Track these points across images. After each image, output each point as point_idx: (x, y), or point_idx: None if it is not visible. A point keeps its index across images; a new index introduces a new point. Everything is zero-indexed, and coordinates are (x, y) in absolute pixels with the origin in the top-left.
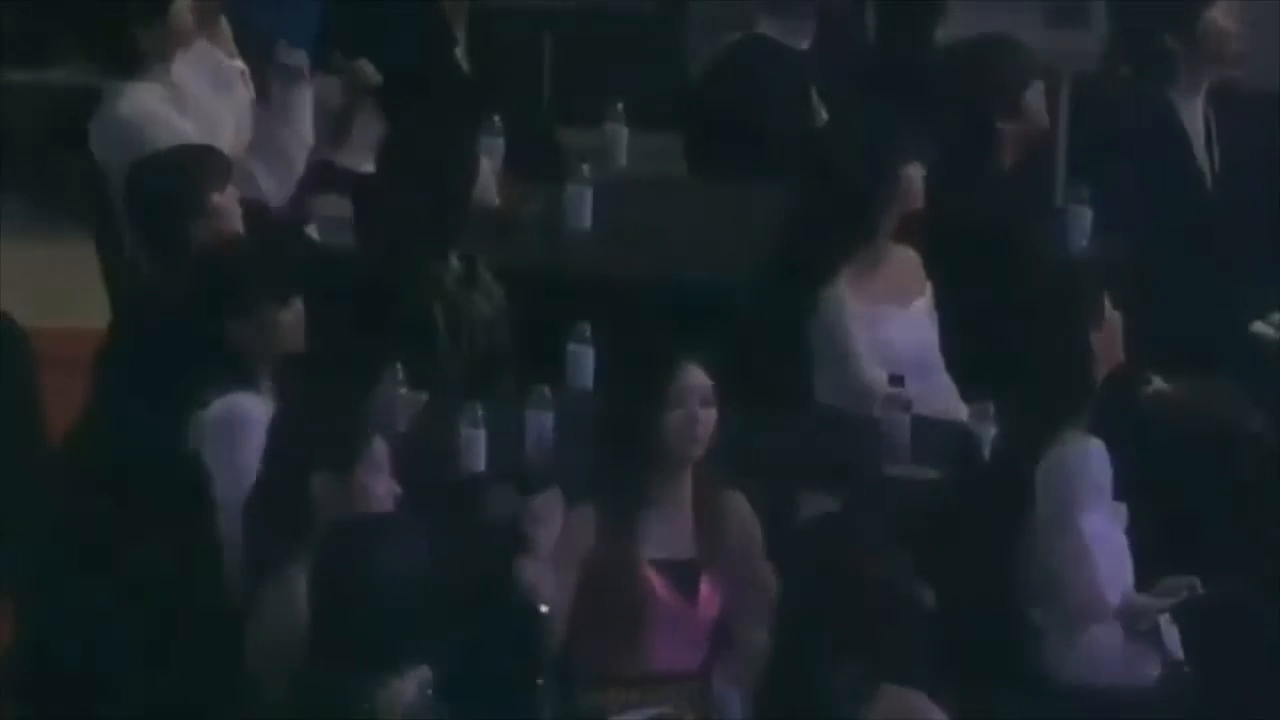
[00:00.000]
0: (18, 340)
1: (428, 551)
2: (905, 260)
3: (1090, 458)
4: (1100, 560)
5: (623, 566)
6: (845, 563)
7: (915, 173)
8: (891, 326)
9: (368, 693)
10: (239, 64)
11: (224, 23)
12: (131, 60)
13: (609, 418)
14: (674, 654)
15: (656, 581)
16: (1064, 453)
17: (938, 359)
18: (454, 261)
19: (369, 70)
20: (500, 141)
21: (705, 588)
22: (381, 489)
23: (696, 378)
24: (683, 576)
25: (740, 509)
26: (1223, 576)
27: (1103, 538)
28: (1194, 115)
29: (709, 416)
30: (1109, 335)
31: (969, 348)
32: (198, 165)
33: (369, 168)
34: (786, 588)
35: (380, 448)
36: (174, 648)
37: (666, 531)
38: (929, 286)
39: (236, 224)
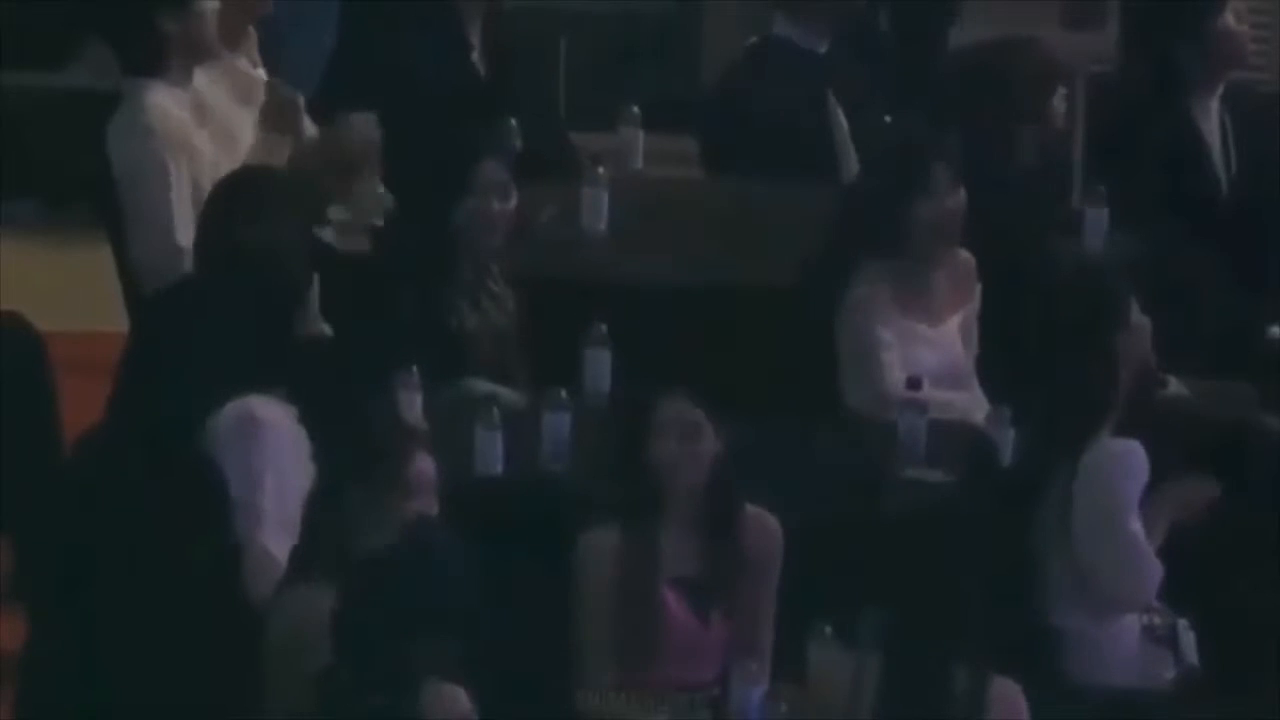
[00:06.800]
0: (33, 344)
1: (460, 566)
2: (954, 269)
3: (1134, 457)
4: (1149, 551)
5: (640, 584)
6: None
7: (955, 187)
8: (919, 344)
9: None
10: (262, 75)
11: (252, 33)
12: (157, 61)
13: (616, 440)
14: (686, 669)
15: (670, 599)
16: (1107, 452)
17: (967, 376)
18: (466, 265)
19: (370, 125)
20: (516, 145)
21: (717, 607)
22: (422, 502)
23: (679, 412)
24: (696, 595)
25: (761, 527)
26: (1239, 580)
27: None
28: (1210, 118)
29: (695, 450)
30: (1136, 338)
31: (994, 352)
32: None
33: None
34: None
35: (425, 463)
36: (190, 650)
37: (678, 550)
38: (978, 290)
39: None
